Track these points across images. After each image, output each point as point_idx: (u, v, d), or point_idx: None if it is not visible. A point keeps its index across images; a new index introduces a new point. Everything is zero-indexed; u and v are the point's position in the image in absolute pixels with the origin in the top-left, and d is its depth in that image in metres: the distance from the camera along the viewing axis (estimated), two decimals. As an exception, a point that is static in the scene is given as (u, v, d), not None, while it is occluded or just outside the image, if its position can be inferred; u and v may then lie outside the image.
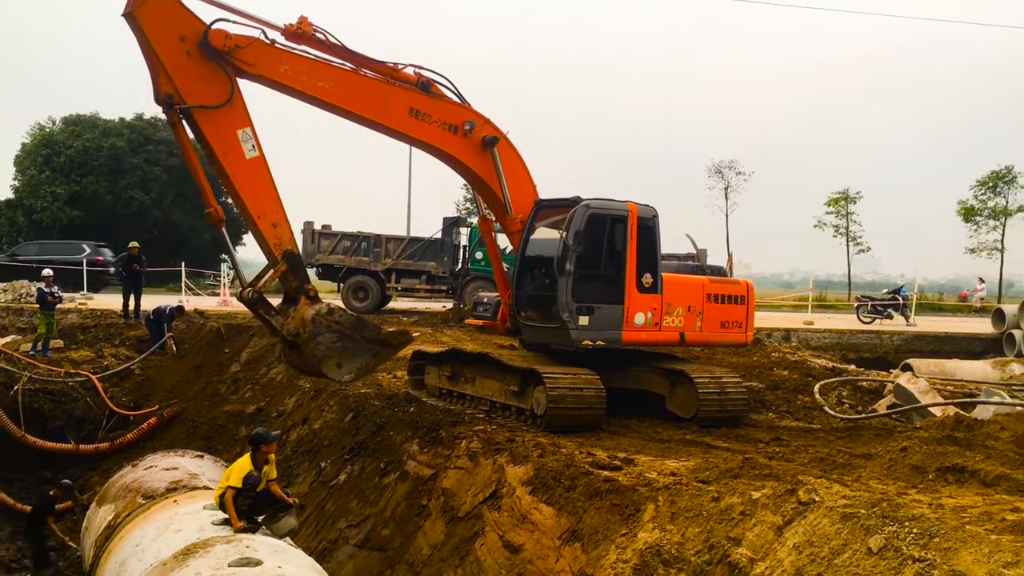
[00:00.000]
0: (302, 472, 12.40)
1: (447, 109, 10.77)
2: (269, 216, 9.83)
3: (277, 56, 9.70)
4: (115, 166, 44.11)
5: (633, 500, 7.26)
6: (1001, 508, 5.95)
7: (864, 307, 30.61)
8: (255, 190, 9.76)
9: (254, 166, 9.68)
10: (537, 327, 11.35)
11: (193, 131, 9.51)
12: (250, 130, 9.60)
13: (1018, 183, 45.57)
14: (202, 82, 9.28)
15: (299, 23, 9.87)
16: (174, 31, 9.08)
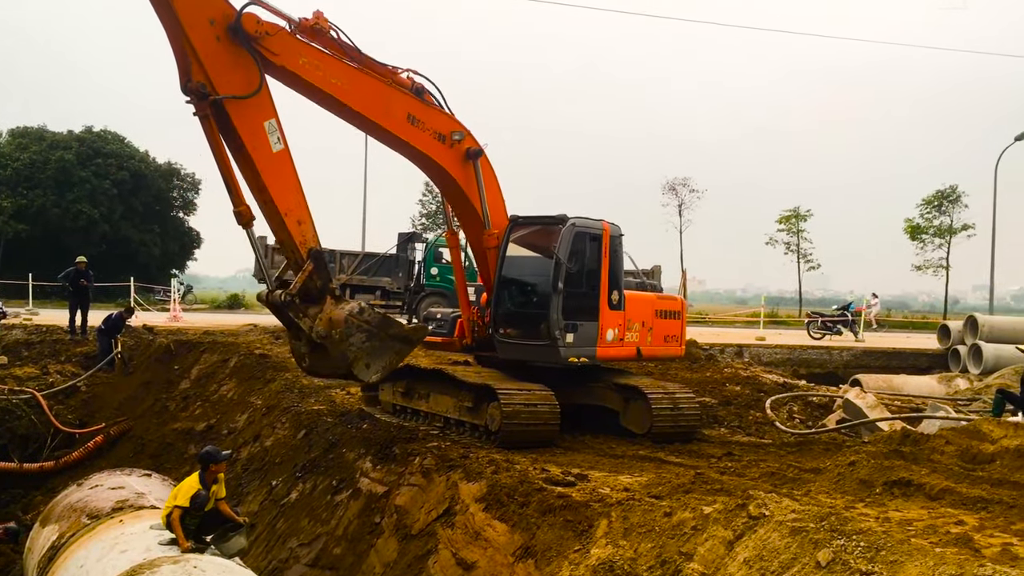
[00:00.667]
0: (253, 490, 12.22)
1: (438, 118, 10.67)
2: (295, 213, 9.39)
3: (298, 48, 9.35)
4: (63, 179, 43.39)
5: (586, 516, 7.26)
6: (945, 521, 6.06)
7: (814, 323, 31.09)
8: (282, 185, 9.28)
9: (280, 160, 9.24)
10: (520, 344, 11.28)
11: (220, 124, 9.00)
12: (275, 121, 9.20)
13: (962, 202, 46.73)
14: (232, 70, 8.82)
15: (315, 18, 9.56)
16: (204, 14, 8.62)
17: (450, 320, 12.03)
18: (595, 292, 11.31)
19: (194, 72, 8.65)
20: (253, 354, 17.25)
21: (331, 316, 9.42)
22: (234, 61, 8.83)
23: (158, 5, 8.50)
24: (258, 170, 9.04)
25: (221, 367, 16.99)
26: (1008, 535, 5.66)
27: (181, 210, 52.60)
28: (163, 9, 8.51)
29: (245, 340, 20.03)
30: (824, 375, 23.33)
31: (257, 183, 9.17)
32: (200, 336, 20.52)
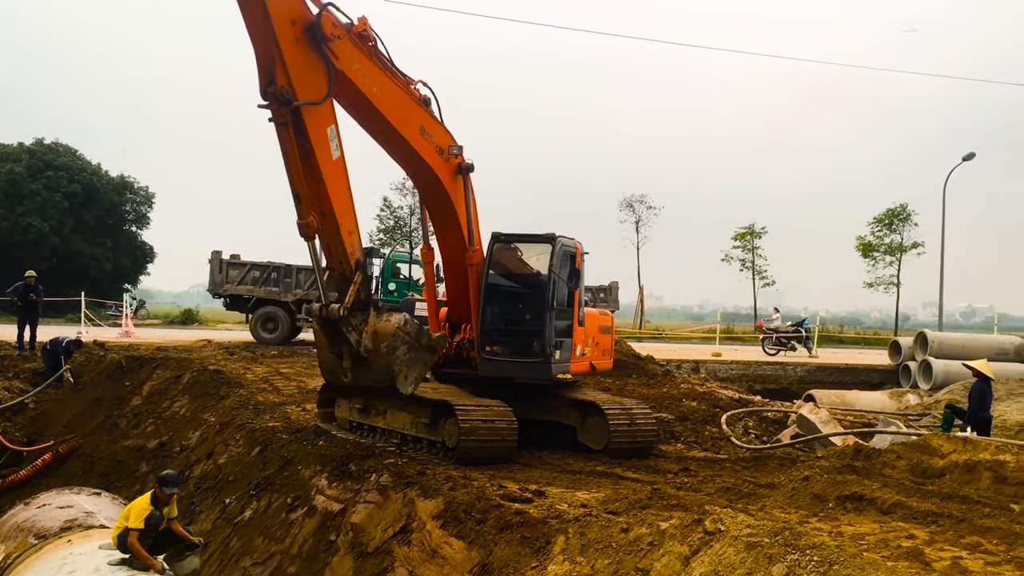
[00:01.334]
0: (205, 509, 12.02)
1: (441, 131, 10.64)
2: (347, 222, 9.19)
3: (354, 53, 9.17)
4: (12, 192, 42.53)
5: (544, 532, 7.25)
6: (897, 535, 6.14)
7: (769, 339, 31.45)
8: (340, 193, 9.07)
9: (338, 167, 9.05)
10: (508, 362, 11.29)
11: (296, 131, 8.68)
12: (335, 128, 9.00)
13: (912, 220, 47.66)
14: (309, 73, 8.57)
15: (362, 24, 9.39)
16: (288, 14, 8.34)
17: None
18: (571, 309, 11.55)
19: (279, 76, 8.32)
20: (207, 370, 17.03)
21: (377, 329, 9.41)
22: (309, 64, 8.59)
23: (247, 3, 8.14)
24: (322, 177, 8.82)
25: (174, 383, 16.74)
26: (958, 548, 5.75)
27: (134, 224, 51.82)
28: (253, 7, 8.13)
29: (199, 356, 19.78)
30: (779, 390, 23.60)
31: (319, 191, 8.90)
32: (152, 352, 20.23)
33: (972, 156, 43.29)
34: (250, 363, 19.44)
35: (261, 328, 25.63)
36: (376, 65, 9.55)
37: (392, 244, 41.58)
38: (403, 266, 27.42)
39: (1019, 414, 16.60)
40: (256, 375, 17.47)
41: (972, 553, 5.64)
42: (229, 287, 25.55)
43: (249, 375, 17.31)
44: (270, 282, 25.68)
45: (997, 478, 8.76)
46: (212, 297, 27.49)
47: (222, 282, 25.52)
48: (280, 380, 17.20)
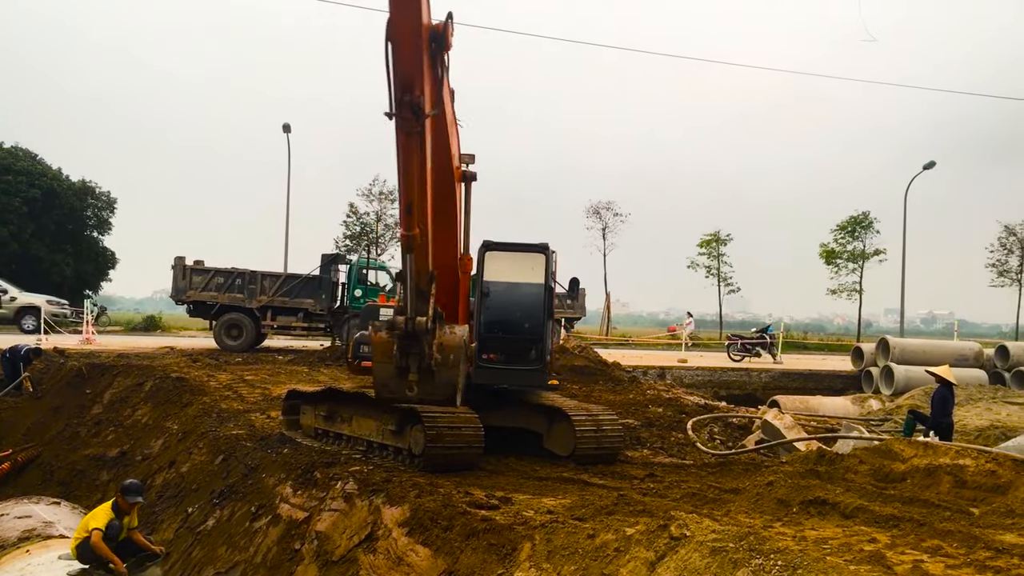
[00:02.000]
0: (167, 518, 11.86)
1: (456, 136, 10.59)
2: (430, 232, 9.05)
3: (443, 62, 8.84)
4: (-30, 196, 41.80)
5: (510, 539, 7.23)
6: (859, 539, 6.20)
7: (734, 345, 31.72)
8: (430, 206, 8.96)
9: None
10: (504, 369, 11.37)
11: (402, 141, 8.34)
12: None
13: (874, 228, 48.35)
14: (433, 82, 8.31)
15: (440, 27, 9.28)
16: (428, 20, 8.07)
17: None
18: (551, 317, 11.77)
19: (417, 86, 8.00)
20: (169, 377, 16.83)
21: (443, 341, 9.37)
22: (432, 72, 8.33)
23: (399, 6, 7.72)
24: (431, 186, 8.72)
25: (136, 391, 16.53)
26: (919, 552, 5.82)
27: (95, 229, 51.08)
28: (405, 11, 7.75)
29: (161, 363, 19.55)
30: (743, 396, 23.82)
31: (424, 201, 8.70)
32: (114, 359, 19.97)
33: (933, 164, 44.07)
34: (214, 370, 19.25)
35: (225, 335, 25.42)
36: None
37: (358, 250, 41.41)
38: (370, 272, 27.34)
39: (978, 419, 16.87)
40: (220, 382, 17.29)
41: (933, 556, 5.71)
42: (192, 293, 25.34)
43: (213, 382, 17.14)
44: (234, 288, 25.50)
45: (957, 482, 8.89)
46: (175, 303, 27.24)
47: (185, 288, 25.30)
48: (244, 387, 17.05)
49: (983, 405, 18.58)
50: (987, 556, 5.72)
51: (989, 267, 49.32)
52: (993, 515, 7.53)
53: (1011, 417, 17.15)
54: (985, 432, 15.64)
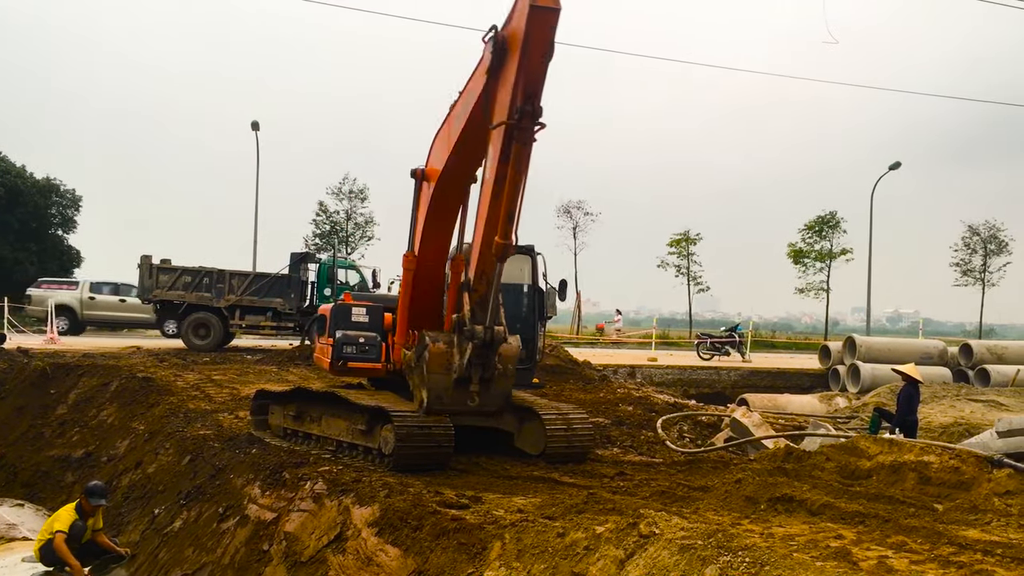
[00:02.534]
0: (134, 519, 11.74)
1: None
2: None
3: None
4: (-70, 193, 41.08)
5: (480, 538, 7.22)
6: (826, 536, 6.26)
7: (703, 344, 31.92)
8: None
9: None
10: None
11: (513, 152, 8.27)
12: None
13: (841, 228, 48.89)
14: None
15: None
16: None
17: (376, 344, 11.47)
18: (542, 317, 12.16)
19: (539, 95, 8.03)
20: (136, 377, 16.65)
21: (502, 352, 9.40)
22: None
23: (539, 18, 7.74)
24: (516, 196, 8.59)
25: (101, 391, 16.34)
26: (884, 548, 5.89)
27: (60, 227, 50.38)
28: (544, 23, 7.76)
29: (127, 363, 19.34)
30: (713, 395, 23.97)
31: (503, 212, 8.59)
32: (79, 359, 19.71)
33: (898, 165, 44.64)
34: (181, 370, 19.06)
35: (193, 335, 25.19)
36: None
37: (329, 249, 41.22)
38: (341, 271, 27.23)
39: (943, 416, 17.11)
40: (187, 382, 17.14)
41: (897, 552, 5.78)
42: (159, 292, 25.08)
43: (180, 382, 16.98)
44: (202, 287, 25.28)
45: (921, 479, 9.01)
46: (142, 303, 26.95)
47: (152, 287, 25.03)
48: (212, 387, 16.90)
49: (947, 402, 18.85)
50: (951, 552, 5.80)
51: (953, 266, 50.09)
52: (957, 511, 7.64)
53: (974, 414, 17.41)
54: (949, 429, 15.86)
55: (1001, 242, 49.03)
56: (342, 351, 11.02)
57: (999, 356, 25.81)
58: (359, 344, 11.30)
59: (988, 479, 8.67)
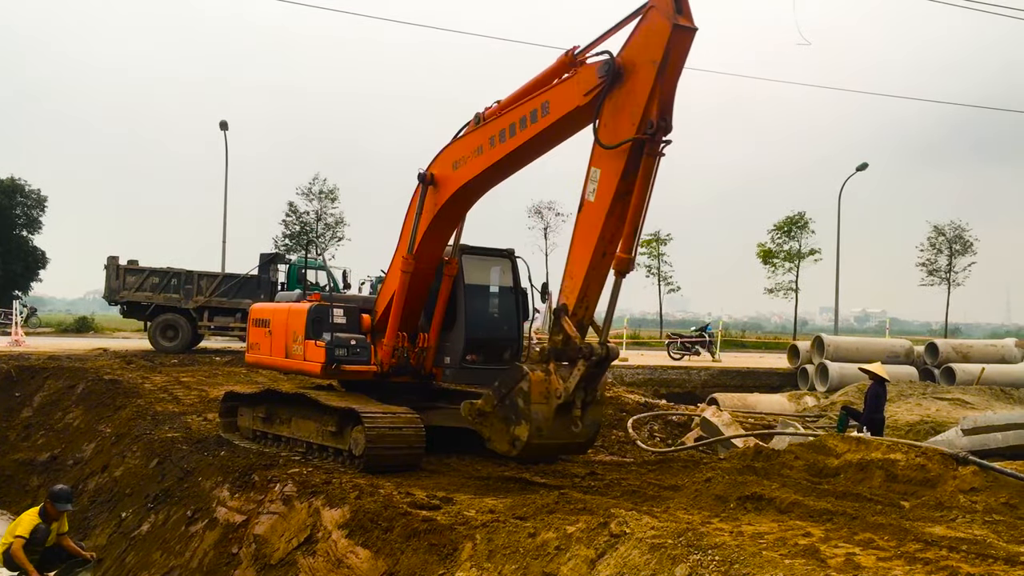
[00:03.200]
0: (100, 523, 11.61)
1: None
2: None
3: None
4: None
5: (451, 539, 7.21)
6: (794, 533, 6.31)
7: (674, 344, 32.07)
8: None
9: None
10: (486, 370, 11.37)
11: (645, 166, 8.18)
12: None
13: (810, 228, 49.35)
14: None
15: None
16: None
17: (365, 346, 11.21)
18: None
19: (671, 108, 8.11)
20: (102, 379, 16.47)
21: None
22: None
23: (682, 36, 7.88)
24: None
25: (67, 393, 16.14)
26: (851, 545, 5.94)
27: (25, 228, 49.66)
28: (685, 37, 7.90)
29: (94, 365, 19.10)
30: (683, 394, 24.07)
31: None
32: (44, 361, 19.45)
33: (865, 166, 45.19)
34: (148, 372, 18.86)
35: (160, 336, 24.93)
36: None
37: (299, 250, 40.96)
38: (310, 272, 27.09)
39: (909, 415, 17.32)
40: (155, 384, 16.95)
41: (865, 549, 5.83)
42: (126, 294, 24.80)
43: (147, 384, 16.79)
44: (170, 288, 25.03)
45: (888, 476, 9.11)
46: (108, 304, 26.64)
47: (119, 288, 24.74)
48: (180, 389, 16.73)
49: (913, 401, 19.07)
50: (917, 548, 5.86)
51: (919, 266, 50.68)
52: (923, 508, 7.73)
53: (940, 412, 17.63)
54: (915, 427, 16.06)
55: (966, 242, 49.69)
56: (335, 354, 10.80)
57: (964, 355, 26.15)
58: (350, 347, 11.08)
59: (953, 476, 8.78)
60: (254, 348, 12.53)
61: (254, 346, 12.53)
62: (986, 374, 24.33)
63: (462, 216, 11.05)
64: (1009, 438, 11.01)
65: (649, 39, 8.00)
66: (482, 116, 10.05)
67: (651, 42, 7.97)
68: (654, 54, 7.91)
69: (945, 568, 5.27)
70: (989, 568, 5.37)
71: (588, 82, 8.51)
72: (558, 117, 8.88)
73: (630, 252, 8.43)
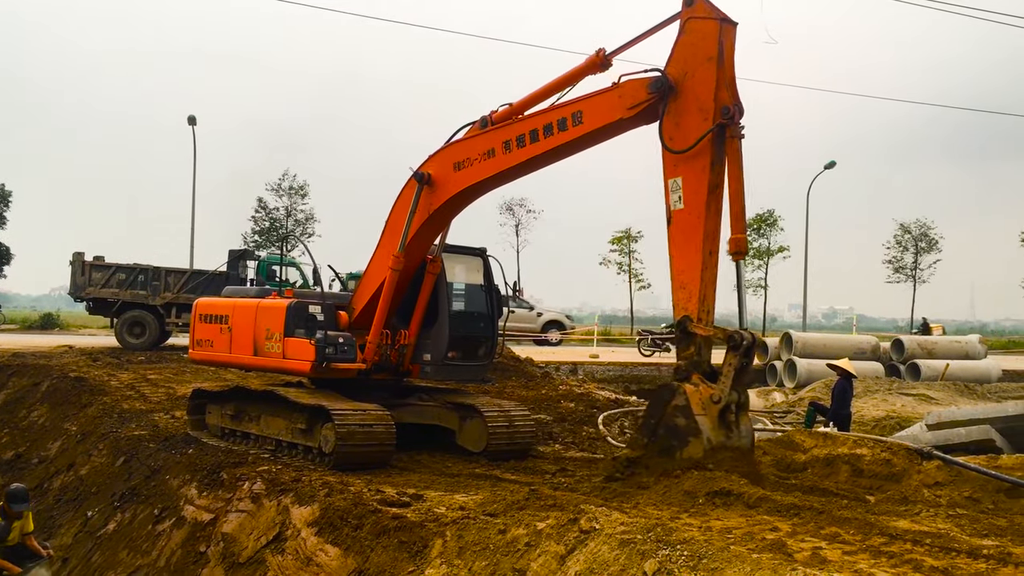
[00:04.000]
0: (66, 522, 11.47)
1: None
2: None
3: None
4: None
5: (421, 536, 7.20)
6: (762, 528, 6.36)
7: (645, 340, 32.21)
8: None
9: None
10: (463, 366, 11.63)
11: (732, 149, 8.45)
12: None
13: (779, 225, 49.78)
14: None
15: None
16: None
17: (351, 343, 10.98)
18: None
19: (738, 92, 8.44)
20: (68, 377, 16.26)
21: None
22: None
23: (726, 28, 8.36)
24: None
25: (31, 391, 15.94)
26: (818, 539, 6.00)
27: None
28: (730, 33, 8.39)
29: (59, 362, 18.86)
30: (654, 391, 24.13)
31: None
32: (8, 358, 19.18)
33: (833, 164, 45.65)
34: (115, 369, 18.65)
35: (127, 333, 24.66)
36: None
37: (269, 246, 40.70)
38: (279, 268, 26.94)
39: (875, 410, 17.54)
40: (121, 382, 16.77)
41: (831, 543, 5.89)
42: (92, 290, 24.48)
43: (114, 382, 16.61)
44: (137, 285, 24.75)
45: (854, 471, 9.22)
46: (74, 301, 26.31)
47: (85, 285, 24.42)
48: (147, 387, 16.57)
49: (880, 396, 19.31)
50: (882, 542, 5.93)
51: (886, 263, 51.31)
52: (888, 502, 7.83)
53: (905, 408, 17.88)
54: (881, 422, 16.27)
55: (931, 240, 50.41)
56: (325, 352, 10.65)
57: (929, 351, 26.51)
58: (339, 344, 10.86)
59: (918, 471, 8.90)
60: (204, 344, 12.25)
61: (204, 342, 12.24)
62: (950, 370, 24.69)
63: (455, 216, 11.08)
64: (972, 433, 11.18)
65: (697, 43, 8.40)
66: (490, 119, 10.05)
67: (701, 44, 8.37)
68: (709, 51, 8.29)
69: (909, 561, 5.34)
70: (952, 561, 5.45)
71: (635, 97, 8.68)
72: (594, 128, 9.01)
73: (744, 232, 8.73)
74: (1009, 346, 51.98)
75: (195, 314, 12.65)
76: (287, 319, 10.96)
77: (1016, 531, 6.67)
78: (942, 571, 5.17)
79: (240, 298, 12.33)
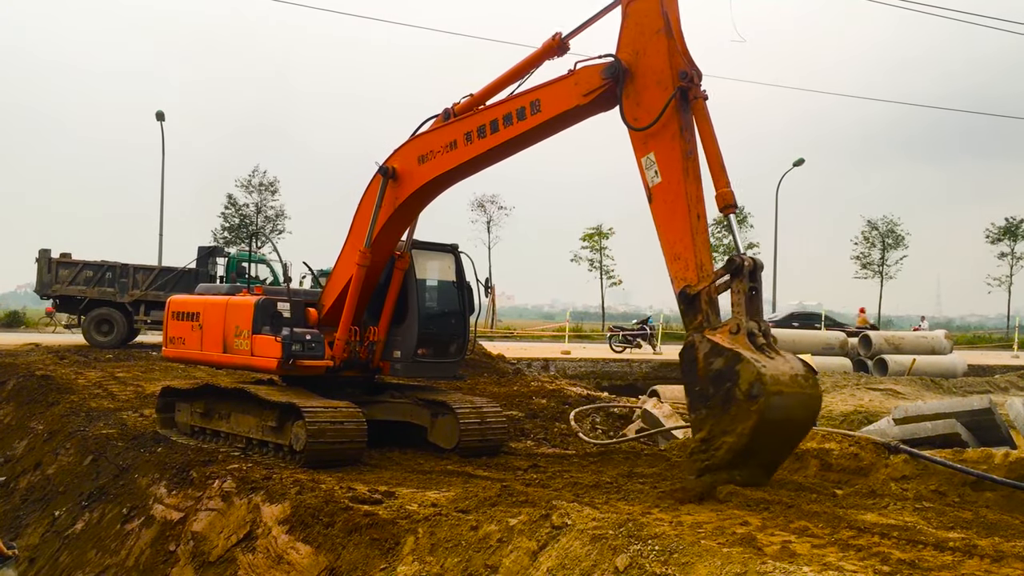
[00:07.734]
0: (33, 522, 11.33)
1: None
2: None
3: None
4: None
5: (393, 533, 7.19)
6: (732, 523, 6.42)
7: (616, 337, 32.37)
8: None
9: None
10: (434, 363, 11.61)
11: (698, 110, 8.38)
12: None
13: (748, 222, 50.18)
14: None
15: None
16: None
17: (319, 339, 10.89)
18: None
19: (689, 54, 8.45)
20: (34, 375, 16.05)
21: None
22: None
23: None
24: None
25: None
26: (787, 533, 6.07)
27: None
28: (672, 3, 8.43)
29: (25, 360, 18.63)
30: (625, 387, 24.29)
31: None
32: (-26, 356, 18.89)
33: (802, 162, 46.10)
34: (82, 367, 18.43)
35: (95, 331, 24.39)
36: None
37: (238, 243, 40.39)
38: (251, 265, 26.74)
39: (843, 405, 17.72)
40: (89, 380, 16.58)
41: (800, 537, 5.95)
42: (59, 287, 24.19)
43: (81, 380, 16.42)
44: (104, 282, 24.48)
45: (823, 465, 9.32)
46: (40, 298, 25.97)
47: (51, 282, 24.13)
48: (116, 385, 16.39)
49: (848, 391, 19.52)
50: (850, 535, 6.00)
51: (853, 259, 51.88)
52: (856, 496, 7.92)
53: (873, 402, 18.08)
54: (849, 417, 16.43)
55: (898, 236, 51.02)
56: (291, 349, 10.56)
57: (896, 347, 26.86)
58: (306, 341, 10.73)
59: (885, 465, 9.01)
60: (176, 342, 12.18)
61: (176, 340, 12.17)
62: (917, 365, 25.04)
63: (421, 210, 11.04)
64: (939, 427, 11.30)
65: (642, 21, 8.40)
66: (452, 111, 10.04)
67: (646, 21, 8.38)
68: (655, 25, 8.30)
69: (877, 554, 5.41)
70: (919, 553, 5.53)
71: (589, 83, 8.66)
72: (552, 116, 8.97)
73: (729, 185, 8.57)
74: (974, 341, 52.76)
75: (168, 312, 12.55)
76: (255, 316, 10.88)
77: (981, 524, 6.78)
78: (909, 563, 5.24)
79: (212, 296, 12.25)
